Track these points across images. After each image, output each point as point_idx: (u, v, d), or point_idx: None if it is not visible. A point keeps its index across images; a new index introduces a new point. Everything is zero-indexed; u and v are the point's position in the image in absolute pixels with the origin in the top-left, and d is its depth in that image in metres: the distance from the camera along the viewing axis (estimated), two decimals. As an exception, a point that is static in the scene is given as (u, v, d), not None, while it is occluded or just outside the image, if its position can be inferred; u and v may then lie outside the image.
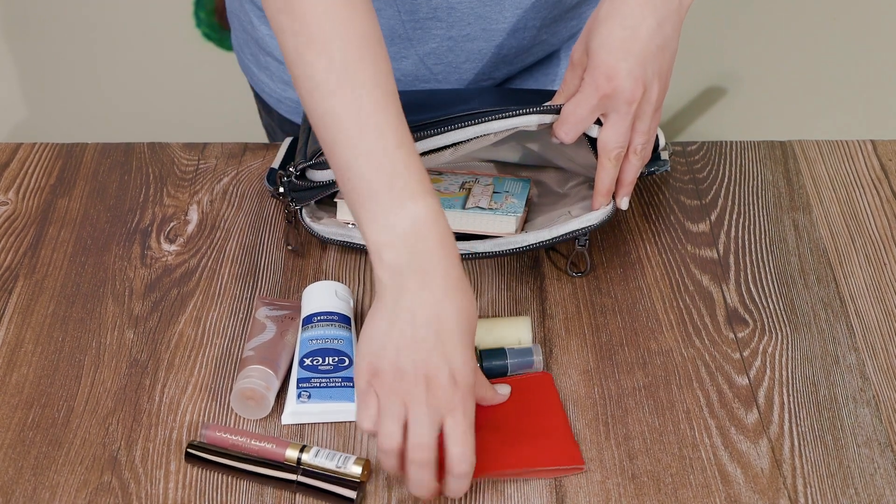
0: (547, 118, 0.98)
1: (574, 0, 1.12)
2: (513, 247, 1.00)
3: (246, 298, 1.03)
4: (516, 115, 0.98)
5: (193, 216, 1.11)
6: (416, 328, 0.82)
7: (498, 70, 1.14)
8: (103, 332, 1.00)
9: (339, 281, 1.03)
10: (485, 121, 0.97)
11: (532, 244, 1.00)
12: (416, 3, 1.06)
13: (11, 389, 0.95)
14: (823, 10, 2.10)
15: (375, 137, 0.84)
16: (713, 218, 1.11)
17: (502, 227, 1.02)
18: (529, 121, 0.98)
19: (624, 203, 1.01)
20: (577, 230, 1.00)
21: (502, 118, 0.97)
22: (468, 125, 0.97)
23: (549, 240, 1.00)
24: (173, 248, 1.08)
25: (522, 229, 1.04)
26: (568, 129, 0.97)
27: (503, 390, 0.92)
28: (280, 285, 1.04)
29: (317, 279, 1.04)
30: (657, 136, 1.10)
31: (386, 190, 0.83)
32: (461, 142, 0.98)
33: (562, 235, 1.00)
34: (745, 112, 2.16)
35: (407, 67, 1.11)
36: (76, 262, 1.06)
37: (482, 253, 1.01)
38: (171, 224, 1.10)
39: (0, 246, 1.08)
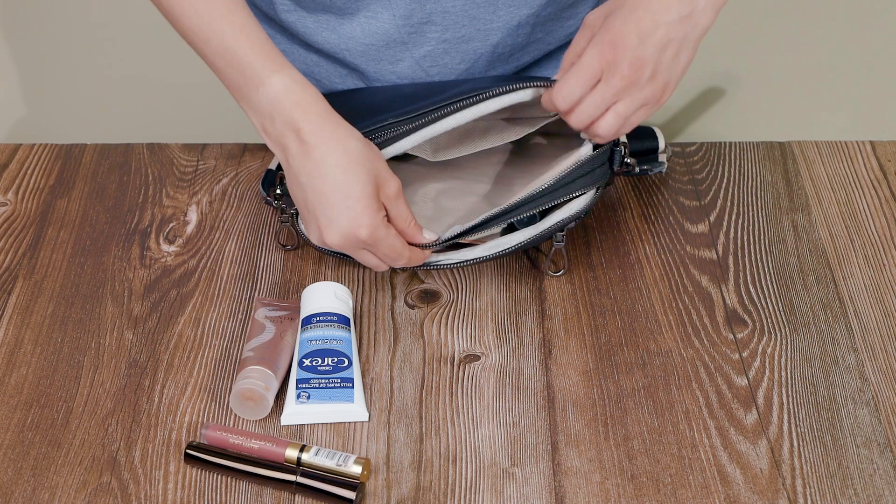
0: (543, 91, 0.98)
1: (570, -1, 1.12)
2: (504, 248, 1.00)
3: (245, 299, 1.03)
4: (512, 91, 0.98)
5: (192, 217, 1.11)
6: (303, 187, 0.93)
7: (493, 69, 1.14)
8: (102, 332, 1.00)
9: (338, 282, 1.03)
10: (481, 100, 0.98)
11: (522, 242, 1.00)
12: (410, 8, 1.06)
13: (10, 390, 0.95)
14: (823, 10, 2.10)
15: (219, 40, 0.94)
16: (712, 219, 1.11)
17: (487, 232, 1.02)
18: (524, 95, 0.99)
19: (588, 143, 1.00)
20: (565, 220, 0.99)
21: (498, 96, 0.98)
22: (463, 108, 0.98)
23: (539, 233, 1.00)
24: (172, 248, 1.08)
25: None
26: (565, 95, 0.95)
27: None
28: (279, 286, 1.04)
29: (316, 280, 1.04)
30: (658, 139, 1.11)
31: (243, 81, 0.94)
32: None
33: (547, 228, 1.00)
34: (744, 113, 2.15)
35: (403, 70, 1.11)
36: (75, 263, 1.06)
37: (474, 259, 1.01)
38: (171, 225, 1.10)
39: (-1, 246, 1.09)
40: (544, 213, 1.02)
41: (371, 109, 1.03)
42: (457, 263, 1.01)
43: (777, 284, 1.04)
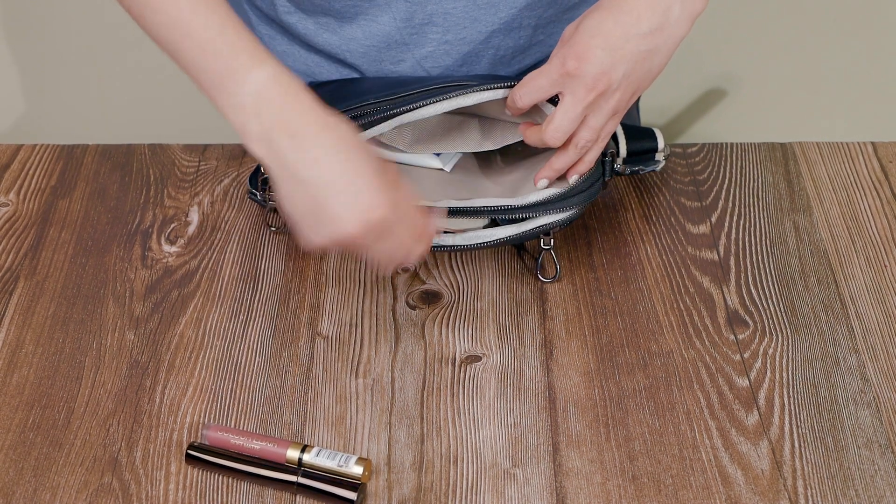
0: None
1: (572, 1, 1.12)
2: (483, 241, 1.01)
3: (246, 300, 1.03)
4: (488, 89, 0.99)
5: (194, 218, 1.11)
6: (304, 182, 0.86)
7: (495, 71, 1.14)
8: (104, 333, 1.00)
9: (339, 281, 1.03)
10: (457, 95, 0.99)
11: (503, 238, 1.00)
12: (411, 10, 1.06)
13: (12, 391, 0.95)
14: (823, 11, 2.10)
15: (200, 32, 0.89)
16: (714, 219, 1.11)
17: (469, 224, 1.02)
18: (496, 94, 1.00)
19: (540, 184, 1.00)
20: (550, 224, 1.00)
21: (474, 92, 0.99)
22: (444, 98, 0.99)
23: (522, 232, 1.00)
24: (174, 249, 1.08)
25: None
26: (522, 94, 0.97)
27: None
28: (280, 287, 1.04)
29: (317, 281, 1.04)
30: (658, 140, 1.10)
31: (226, 74, 0.88)
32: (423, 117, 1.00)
33: (531, 229, 1.00)
34: (746, 114, 2.16)
35: (404, 71, 1.11)
36: (77, 264, 1.06)
37: (451, 247, 1.01)
38: (172, 225, 1.10)
39: (0, 247, 1.08)
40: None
41: (355, 95, 1.03)
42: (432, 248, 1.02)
43: (778, 285, 1.04)
